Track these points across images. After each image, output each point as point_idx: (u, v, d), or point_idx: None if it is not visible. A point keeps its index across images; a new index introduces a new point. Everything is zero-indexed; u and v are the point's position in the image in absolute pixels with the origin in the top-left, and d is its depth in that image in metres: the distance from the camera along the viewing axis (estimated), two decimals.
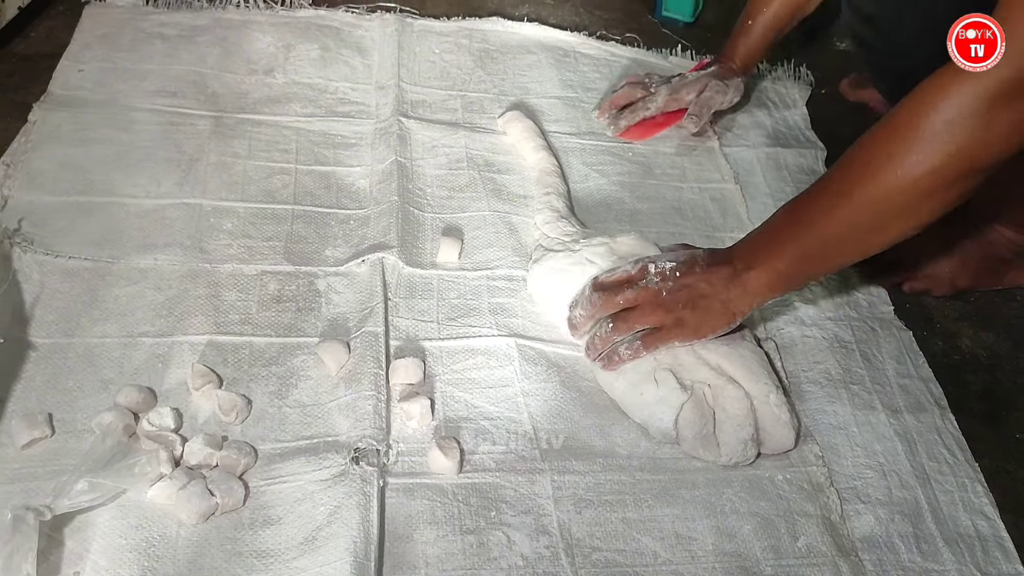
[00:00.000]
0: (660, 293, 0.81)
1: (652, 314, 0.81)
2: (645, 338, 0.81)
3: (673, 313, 0.80)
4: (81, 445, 0.71)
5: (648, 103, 1.12)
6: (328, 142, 1.04)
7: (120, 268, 0.85)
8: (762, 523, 0.76)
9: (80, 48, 1.08)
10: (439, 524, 0.71)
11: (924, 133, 0.69)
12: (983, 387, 0.95)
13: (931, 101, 0.69)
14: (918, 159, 0.70)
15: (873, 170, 0.72)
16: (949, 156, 0.69)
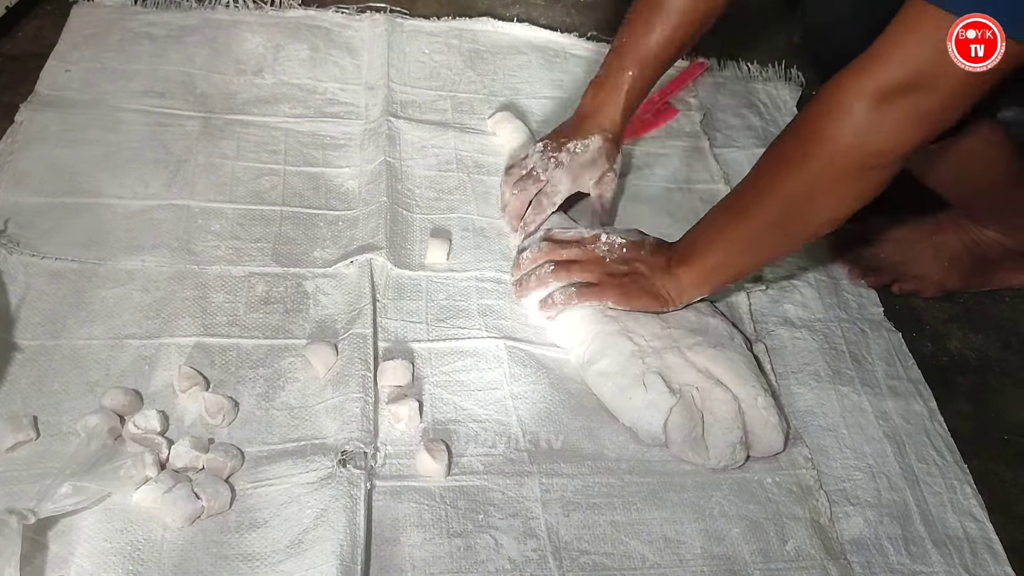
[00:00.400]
0: (604, 259, 0.87)
1: (592, 272, 0.86)
2: (580, 289, 0.86)
3: (612, 277, 0.86)
4: (66, 448, 0.71)
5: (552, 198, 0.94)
6: (317, 143, 1.04)
7: (107, 270, 0.85)
8: (751, 526, 0.76)
9: (68, 48, 1.08)
10: (426, 527, 0.71)
11: (827, 130, 0.72)
12: (972, 388, 0.95)
13: (832, 98, 0.72)
14: (823, 154, 0.73)
15: (786, 166, 0.77)
16: (850, 149, 0.72)
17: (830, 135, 0.72)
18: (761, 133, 1.21)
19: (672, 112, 1.19)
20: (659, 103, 1.19)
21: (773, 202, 0.78)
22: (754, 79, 1.30)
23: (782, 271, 1.02)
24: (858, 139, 0.71)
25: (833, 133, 0.72)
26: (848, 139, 0.71)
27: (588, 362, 0.84)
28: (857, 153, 0.72)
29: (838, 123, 0.71)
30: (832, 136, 0.72)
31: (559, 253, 0.88)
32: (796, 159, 0.75)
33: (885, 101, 0.69)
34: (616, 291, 0.85)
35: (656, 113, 1.18)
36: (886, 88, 0.68)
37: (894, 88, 0.68)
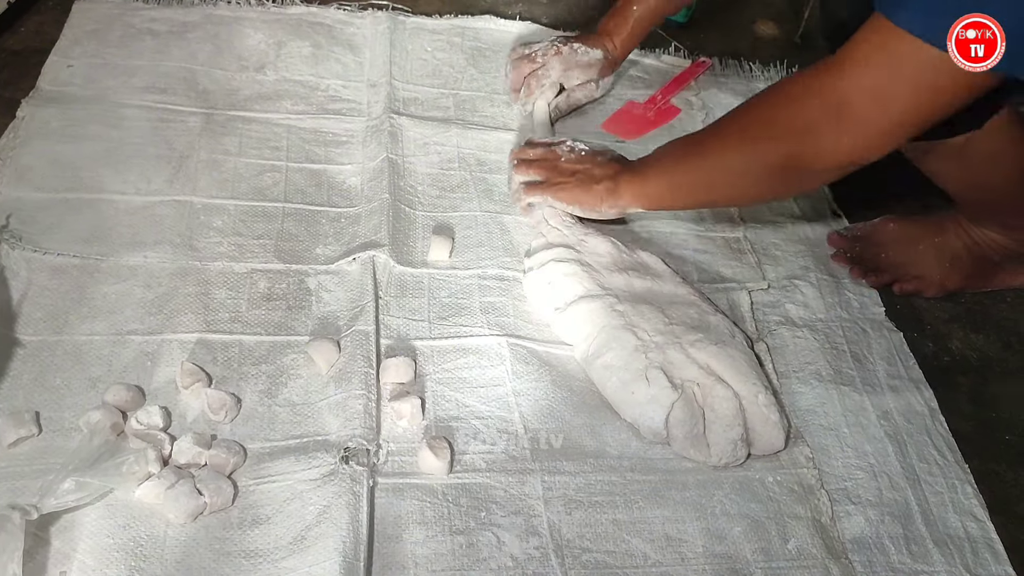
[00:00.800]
0: (559, 159, 0.97)
1: (544, 171, 0.96)
2: (527, 187, 0.96)
3: (560, 176, 0.95)
4: (68, 444, 0.71)
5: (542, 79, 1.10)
6: (319, 139, 1.04)
7: (109, 265, 0.85)
8: (752, 525, 0.76)
9: (69, 44, 1.08)
10: (428, 524, 0.71)
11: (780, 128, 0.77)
12: (973, 388, 0.95)
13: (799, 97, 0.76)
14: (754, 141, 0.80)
15: (752, 139, 0.81)
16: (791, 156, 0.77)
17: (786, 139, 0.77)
18: None
19: (674, 111, 1.19)
20: (661, 102, 1.20)
21: (733, 163, 0.83)
22: (755, 78, 1.30)
23: (784, 270, 1.02)
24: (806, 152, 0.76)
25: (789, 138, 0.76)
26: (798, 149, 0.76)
27: (593, 355, 0.84)
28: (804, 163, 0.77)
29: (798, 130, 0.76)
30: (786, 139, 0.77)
31: (526, 152, 0.99)
32: (763, 137, 0.79)
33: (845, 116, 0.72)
34: (556, 190, 0.94)
35: (658, 112, 1.18)
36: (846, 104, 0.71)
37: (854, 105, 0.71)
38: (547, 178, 0.96)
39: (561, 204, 0.94)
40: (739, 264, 1.01)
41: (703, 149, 0.86)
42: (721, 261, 1.01)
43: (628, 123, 1.16)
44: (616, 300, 0.87)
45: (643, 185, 0.91)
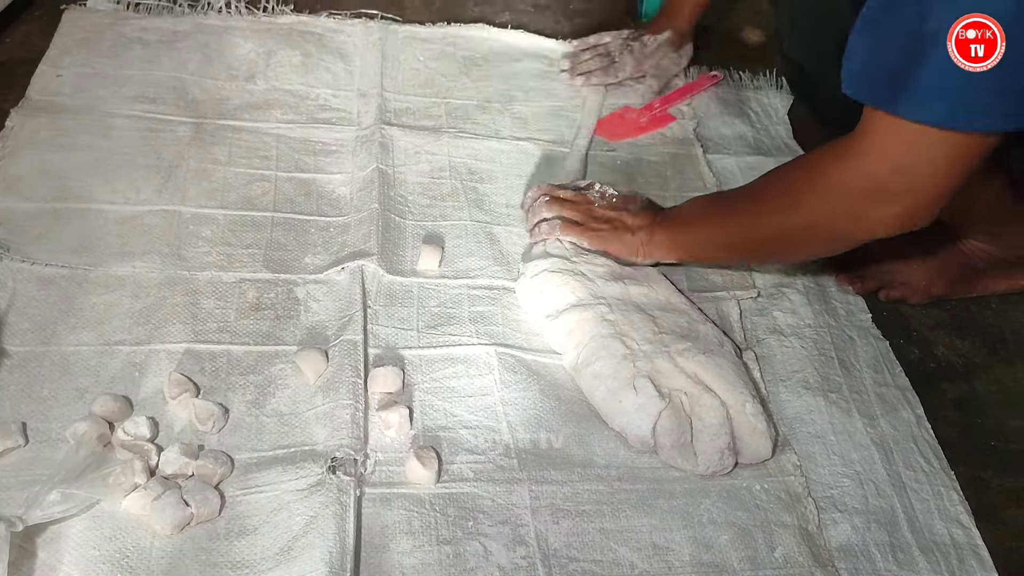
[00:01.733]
0: (593, 204, 0.97)
1: (578, 213, 0.96)
2: (565, 224, 0.95)
3: (595, 221, 0.95)
4: (55, 455, 0.71)
5: (617, 71, 1.21)
6: (309, 149, 1.04)
7: (97, 275, 0.85)
8: (739, 533, 0.77)
9: (59, 53, 1.08)
10: (416, 534, 0.71)
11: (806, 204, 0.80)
12: (959, 395, 0.95)
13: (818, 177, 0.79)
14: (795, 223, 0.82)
15: (758, 213, 0.85)
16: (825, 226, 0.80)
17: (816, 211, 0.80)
18: (752, 141, 1.21)
19: (668, 119, 1.20)
20: (658, 109, 1.20)
21: (763, 225, 0.85)
22: (745, 87, 1.30)
23: (772, 279, 1.02)
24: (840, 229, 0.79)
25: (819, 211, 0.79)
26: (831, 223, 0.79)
27: (583, 364, 0.85)
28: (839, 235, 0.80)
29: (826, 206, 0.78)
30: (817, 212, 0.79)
31: (556, 192, 0.98)
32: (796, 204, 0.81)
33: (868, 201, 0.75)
34: (593, 233, 0.94)
35: (652, 119, 1.19)
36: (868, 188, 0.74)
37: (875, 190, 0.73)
38: (583, 221, 0.95)
39: (596, 250, 0.94)
40: (728, 271, 1.01)
41: (734, 214, 0.89)
42: (711, 269, 1.01)
43: (619, 127, 1.17)
44: (608, 309, 0.87)
45: (678, 239, 0.92)
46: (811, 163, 0.82)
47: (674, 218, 0.94)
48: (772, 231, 0.85)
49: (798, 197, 0.81)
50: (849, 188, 0.75)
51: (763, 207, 0.85)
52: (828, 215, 0.79)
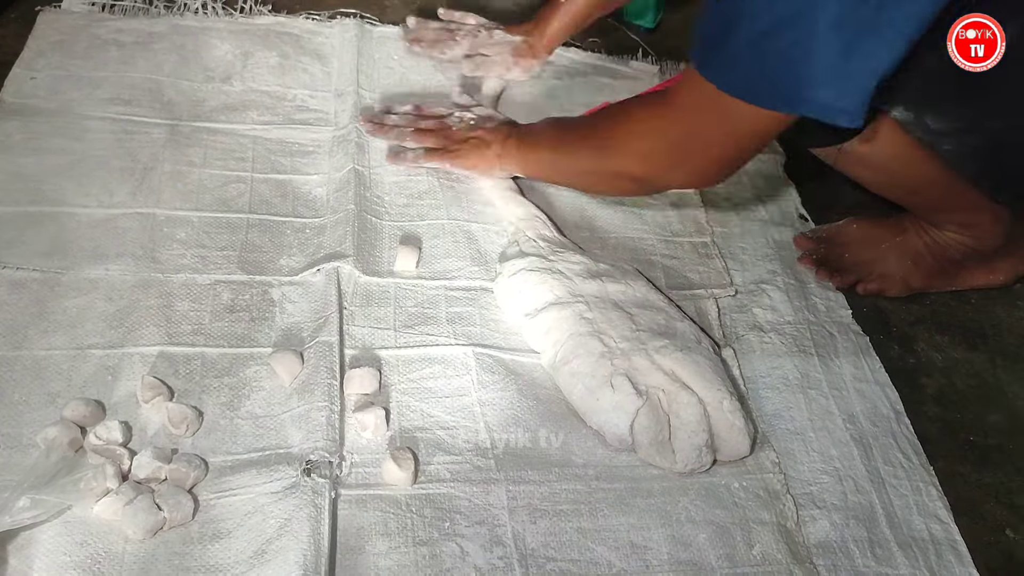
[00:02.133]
0: (451, 129, 1.04)
1: (437, 139, 1.03)
2: (426, 153, 1.02)
3: (454, 144, 1.02)
4: (25, 460, 0.70)
5: (444, 48, 1.19)
6: (285, 150, 1.03)
7: (70, 279, 0.84)
8: (718, 531, 0.76)
9: (33, 55, 1.06)
10: (391, 536, 0.71)
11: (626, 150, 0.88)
12: (938, 390, 0.96)
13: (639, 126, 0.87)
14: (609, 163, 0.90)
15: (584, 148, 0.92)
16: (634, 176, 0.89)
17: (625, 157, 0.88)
18: None
19: None
20: None
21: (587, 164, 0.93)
22: None
23: (751, 275, 1.02)
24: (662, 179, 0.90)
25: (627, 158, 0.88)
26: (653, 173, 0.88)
27: (560, 362, 0.84)
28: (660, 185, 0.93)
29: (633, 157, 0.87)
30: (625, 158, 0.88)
31: (418, 122, 1.05)
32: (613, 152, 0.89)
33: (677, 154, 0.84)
34: (451, 156, 1.01)
35: None
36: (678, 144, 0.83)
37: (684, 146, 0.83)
38: (444, 145, 1.02)
39: (459, 169, 1.01)
40: (707, 269, 1.01)
41: (567, 144, 0.95)
42: (689, 266, 1.01)
43: None
44: (586, 307, 0.87)
45: (527, 155, 0.98)
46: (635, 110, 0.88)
47: (526, 133, 1.00)
48: (600, 169, 0.91)
49: (621, 143, 0.88)
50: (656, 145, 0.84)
51: (594, 144, 0.91)
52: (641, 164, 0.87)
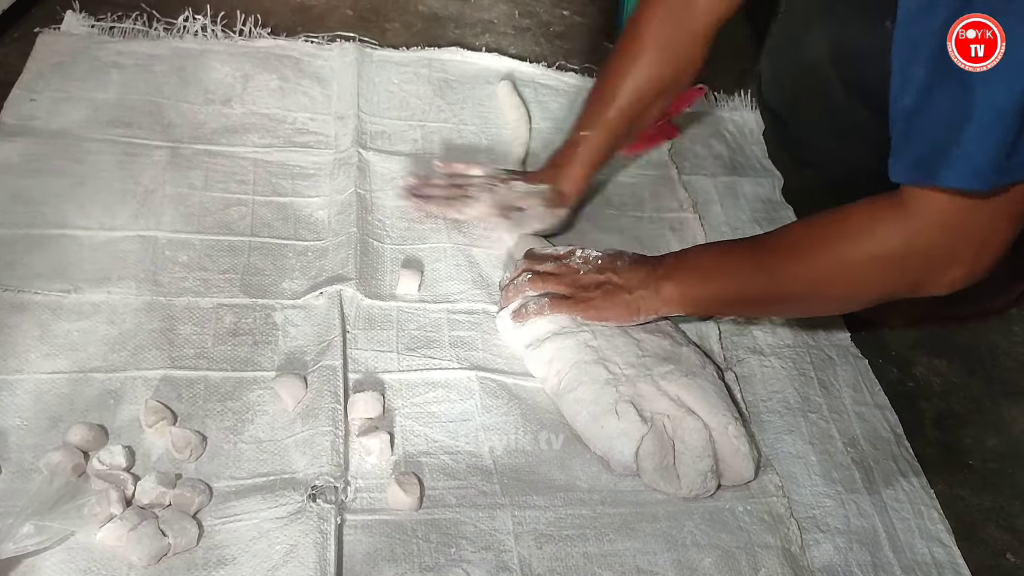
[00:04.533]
0: (578, 272, 0.90)
1: (564, 284, 0.89)
2: (552, 301, 0.88)
3: (584, 291, 0.89)
4: (28, 486, 0.69)
5: (463, 207, 1.00)
6: (286, 173, 1.03)
7: (71, 302, 0.83)
8: (723, 555, 0.76)
9: (33, 77, 1.06)
10: (398, 561, 0.70)
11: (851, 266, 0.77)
12: (937, 414, 0.96)
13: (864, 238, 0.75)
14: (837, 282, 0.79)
15: (794, 268, 0.81)
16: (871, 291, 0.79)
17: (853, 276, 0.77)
18: (728, 162, 1.22)
19: (672, 130, 1.21)
20: (659, 122, 1.21)
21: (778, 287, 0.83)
22: (721, 108, 1.32)
23: None
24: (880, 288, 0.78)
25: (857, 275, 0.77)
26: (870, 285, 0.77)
27: (565, 390, 0.84)
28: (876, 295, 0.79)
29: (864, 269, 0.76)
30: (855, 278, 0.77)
31: (536, 267, 0.91)
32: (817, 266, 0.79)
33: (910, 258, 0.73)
34: (585, 306, 0.88)
35: (657, 129, 1.19)
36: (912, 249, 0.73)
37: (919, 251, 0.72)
38: (572, 293, 0.88)
39: (593, 321, 0.88)
40: None
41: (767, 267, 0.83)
42: None
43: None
44: (591, 336, 0.87)
45: (692, 292, 0.87)
46: (854, 222, 0.77)
47: (680, 268, 0.88)
48: (807, 287, 0.81)
49: (842, 258, 0.77)
50: (902, 254, 0.73)
51: (799, 261, 0.80)
52: (877, 281, 0.77)
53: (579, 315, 0.88)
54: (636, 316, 0.88)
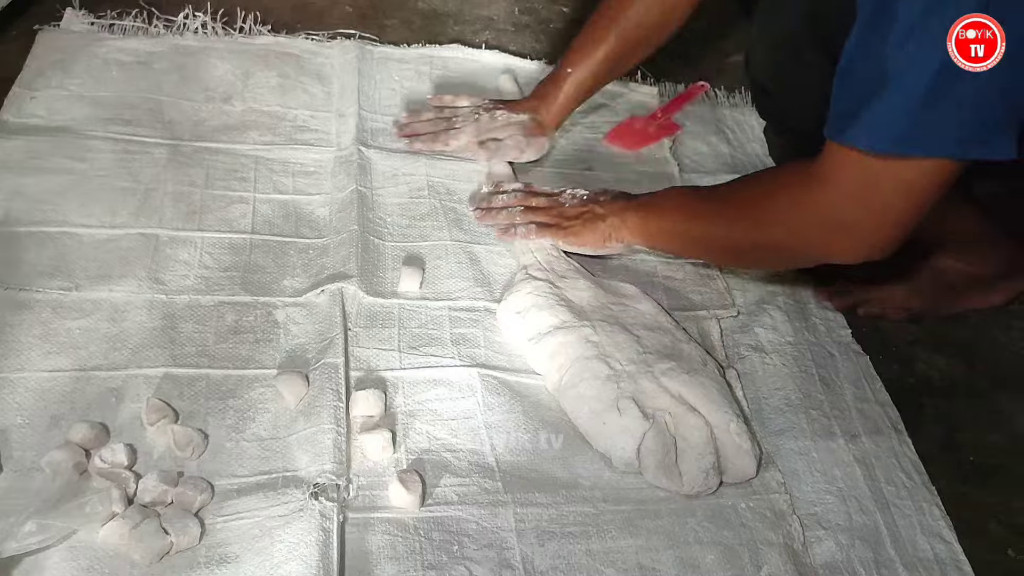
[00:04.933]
0: (564, 205, 1.00)
1: (550, 216, 0.99)
2: (539, 227, 0.98)
3: (567, 220, 0.98)
4: (30, 484, 0.69)
5: (448, 139, 1.08)
6: (287, 170, 1.03)
7: (72, 300, 0.83)
8: (725, 552, 0.76)
9: (33, 75, 1.06)
10: (400, 559, 0.70)
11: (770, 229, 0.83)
12: (938, 410, 0.96)
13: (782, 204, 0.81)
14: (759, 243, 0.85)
15: (727, 223, 0.88)
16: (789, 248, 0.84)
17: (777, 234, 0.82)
18: (729, 160, 1.22)
19: (674, 127, 1.22)
20: (662, 118, 1.21)
21: (732, 233, 0.88)
22: (721, 105, 1.31)
23: (752, 296, 1.03)
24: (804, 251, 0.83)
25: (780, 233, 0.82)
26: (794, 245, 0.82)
27: (567, 386, 0.84)
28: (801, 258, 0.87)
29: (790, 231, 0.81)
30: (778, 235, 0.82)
31: (529, 200, 1.01)
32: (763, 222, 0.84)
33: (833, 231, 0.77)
34: (564, 233, 0.97)
35: (659, 127, 1.20)
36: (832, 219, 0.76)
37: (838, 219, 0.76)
38: (556, 222, 0.98)
39: (571, 247, 0.97)
40: (708, 290, 1.02)
41: (699, 216, 0.91)
42: (691, 288, 1.01)
43: (629, 136, 1.19)
44: (592, 331, 0.87)
45: (649, 225, 0.94)
46: (779, 183, 0.84)
47: (647, 204, 0.96)
48: (740, 241, 0.87)
49: (765, 215, 0.83)
50: (812, 220, 0.78)
51: (733, 215, 0.87)
52: (793, 238, 0.82)
53: (559, 241, 0.97)
54: (608, 242, 0.97)
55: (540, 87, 1.10)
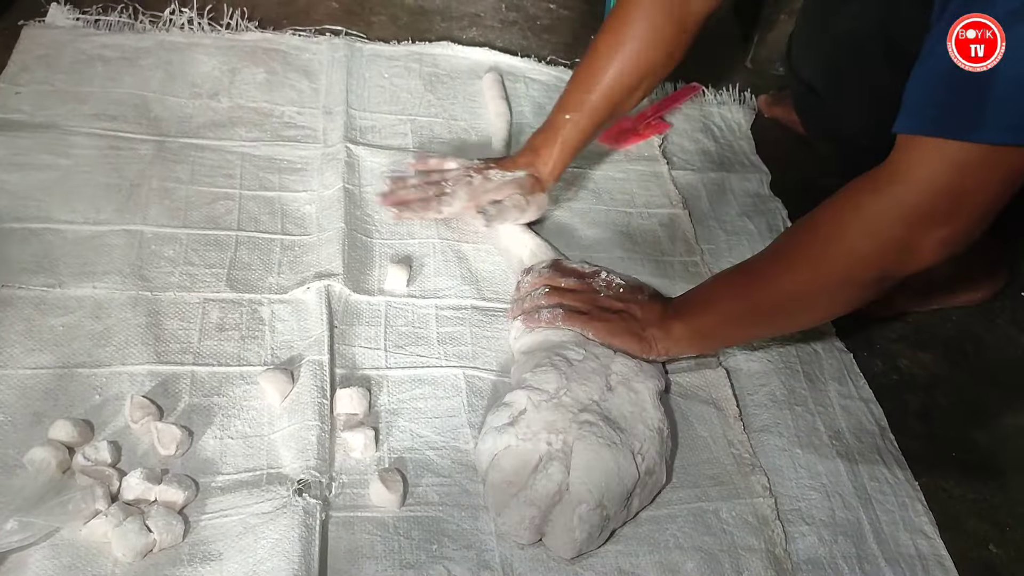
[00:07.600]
0: (598, 294, 0.89)
1: (583, 302, 0.88)
2: (568, 313, 0.86)
3: (600, 311, 0.87)
4: (12, 482, 0.69)
5: (441, 205, 0.98)
6: (273, 167, 1.03)
7: (56, 296, 0.83)
8: (706, 558, 0.76)
9: (18, 70, 1.06)
10: (379, 558, 0.70)
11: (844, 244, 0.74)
12: (921, 407, 0.97)
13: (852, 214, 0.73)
14: (834, 266, 0.75)
15: (791, 267, 0.78)
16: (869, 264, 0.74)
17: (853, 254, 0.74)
18: (716, 157, 1.23)
19: (663, 126, 1.22)
20: (651, 117, 1.22)
21: (779, 291, 0.80)
22: (708, 103, 1.32)
23: None
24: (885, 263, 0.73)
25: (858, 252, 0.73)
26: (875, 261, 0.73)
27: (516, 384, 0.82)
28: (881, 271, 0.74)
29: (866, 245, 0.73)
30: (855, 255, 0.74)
31: (558, 280, 0.90)
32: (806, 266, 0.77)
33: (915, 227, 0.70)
34: (601, 324, 0.86)
35: (648, 126, 1.20)
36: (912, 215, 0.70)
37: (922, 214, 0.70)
38: (588, 310, 0.87)
39: (603, 340, 0.86)
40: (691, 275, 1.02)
41: (765, 275, 0.81)
42: (679, 285, 1.01)
43: (618, 134, 1.19)
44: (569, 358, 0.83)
45: (697, 324, 0.86)
46: (840, 203, 0.75)
47: (690, 304, 0.87)
48: (807, 284, 0.78)
49: (834, 239, 0.75)
50: (892, 218, 0.71)
51: (795, 259, 0.78)
52: (871, 251, 0.73)
53: (591, 332, 0.86)
54: (649, 353, 0.86)
55: (534, 138, 1.00)
